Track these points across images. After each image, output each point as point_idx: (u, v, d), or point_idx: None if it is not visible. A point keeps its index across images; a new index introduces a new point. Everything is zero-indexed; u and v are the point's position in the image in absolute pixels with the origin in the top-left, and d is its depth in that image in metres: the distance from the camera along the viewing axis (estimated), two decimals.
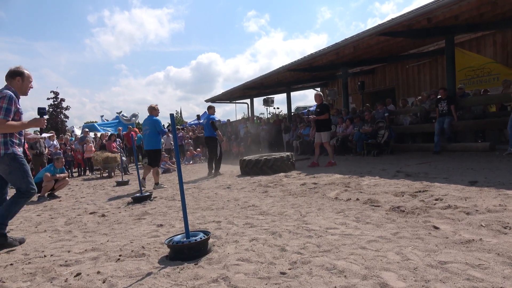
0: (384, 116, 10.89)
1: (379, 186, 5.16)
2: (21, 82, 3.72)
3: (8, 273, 2.77)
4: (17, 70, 3.72)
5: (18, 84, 3.71)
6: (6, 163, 3.57)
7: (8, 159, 3.57)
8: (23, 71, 3.75)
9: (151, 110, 7.58)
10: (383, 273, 2.18)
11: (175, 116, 3.05)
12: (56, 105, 37.89)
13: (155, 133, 7.46)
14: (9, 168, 3.60)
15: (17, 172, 3.62)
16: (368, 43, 10.82)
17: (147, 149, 7.62)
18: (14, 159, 3.61)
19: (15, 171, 3.62)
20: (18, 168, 3.62)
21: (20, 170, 3.63)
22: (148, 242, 3.33)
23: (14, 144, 3.65)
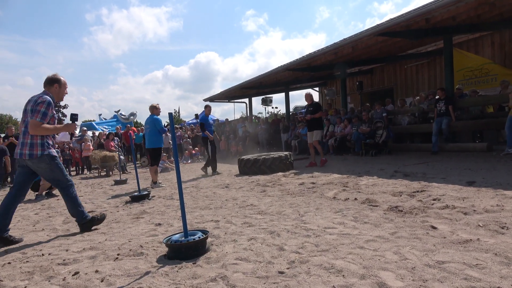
0: (382, 116, 10.91)
1: (377, 186, 5.17)
2: (58, 88, 3.98)
3: (6, 271, 2.77)
4: (55, 78, 3.97)
5: (55, 90, 3.97)
6: (47, 162, 3.84)
7: (48, 159, 3.84)
8: (60, 78, 4.01)
9: (152, 109, 7.68)
10: (381, 272, 2.19)
11: (173, 115, 3.05)
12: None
13: (156, 131, 7.55)
14: (50, 167, 3.87)
15: (57, 169, 3.92)
16: (367, 43, 10.84)
17: (148, 148, 7.73)
18: (53, 158, 3.90)
19: (55, 168, 3.90)
20: (57, 166, 3.92)
21: (59, 167, 3.94)
22: (146, 241, 3.32)
23: (50, 146, 3.92)
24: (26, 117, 3.81)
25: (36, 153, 3.76)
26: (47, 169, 3.87)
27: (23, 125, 3.83)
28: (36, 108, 3.70)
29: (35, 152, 3.76)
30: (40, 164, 3.83)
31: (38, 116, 3.68)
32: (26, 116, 3.80)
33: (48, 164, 3.85)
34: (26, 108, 3.82)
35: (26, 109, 3.82)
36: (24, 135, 3.80)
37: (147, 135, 7.66)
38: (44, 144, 3.82)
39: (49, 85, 3.94)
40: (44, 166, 3.85)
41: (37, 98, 3.77)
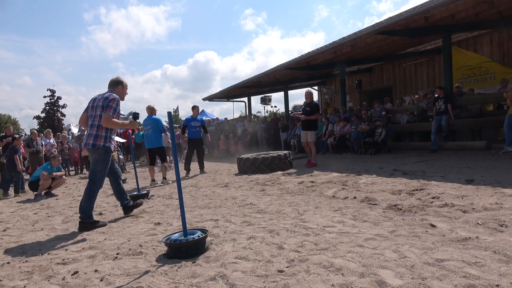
0: (381, 114, 10.92)
1: (376, 185, 5.17)
2: (121, 89, 4.43)
3: (5, 271, 2.77)
4: (119, 80, 4.44)
5: (119, 91, 4.40)
6: (100, 153, 4.20)
7: (103, 151, 4.20)
8: (123, 81, 4.48)
9: (150, 110, 7.98)
10: (380, 270, 2.19)
11: (172, 115, 3.04)
12: (52, 103, 37.71)
13: (158, 131, 7.81)
14: (99, 158, 4.21)
15: (102, 164, 4.23)
16: (366, 42, 10.84)
17: (151, 148, 7.93)
18: (107, 152, 4.25)
19: (101, 162, 4.22)
20: (104, 161, 4.24)
21: (104, 163, 4.25)
22: (145, 241, 3.32)
23: (111, 140, 4.32)
24: (93, 111, 4.20)
25: (98, 143, 4.16)
26: (96, 159, 4.22)
27: (91, 119, 4.22)
28: (109, 104, 4.10)
29: (97, 143, 4.15)
30: (94, 154, 4.21)
31: (110, 111, 4.07)
32: (94, 111, 4.20)
33: (99, 156, 4.20)
34: (94, 104, 4.22)
35: (94, 105, 4.21)
36: (91, 128, 4.20)
37: (149, 136, 7.83)
38: (107, 137, 4.23)
39: (113, 86, 4.38)
40: (96, 156, 4.21)
41: (107, 95, 4.17)
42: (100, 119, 4.13)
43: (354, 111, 12.73)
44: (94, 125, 4.18)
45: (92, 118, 4.21)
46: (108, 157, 4.29)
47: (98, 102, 4.18)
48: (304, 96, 8.92)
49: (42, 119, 37.29)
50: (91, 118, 4.23)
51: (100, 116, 4.12)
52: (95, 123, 4.17)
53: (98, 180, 4.22)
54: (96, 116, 4.16)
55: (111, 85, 4.40)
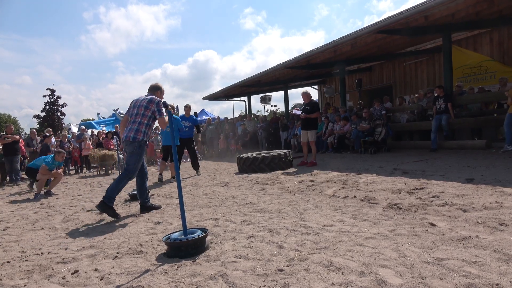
0: (381, 113, 10.91)
1: (376, 184, 5.18)
2: (159, 94, 4.85)
3: (5, 270, 2.77)
4: (158, 86, 4.90)
5: (158, 95, 4.82)
6: (136, 147, 4.55)
7: (139, 144, 4.56)
8: (161, 86, 4.94)
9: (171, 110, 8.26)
10: (380, 269, 2.19)
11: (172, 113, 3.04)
12: (52, 102, 37.70)
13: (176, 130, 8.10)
14: (134, 151, 4.56)
15: (136, 156, 4.58)
16: (366, 41, 10.83)
17: (168, 145, 8.58)
18: (141, 146, 4.61)
19: (136, 155, 4.58)
20: (138, 154, 4.60)
21: (139, 156, 4.61)
22: (145, 240, 3.32)
23: (148, 136, 4.75)
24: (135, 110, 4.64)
25: (138, 137, 4.54)
26: (131, 151, 4.57)
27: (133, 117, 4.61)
28: (159, 108, 4.60)
29: (138, 136, 4.54)
30: (130, 147, 4.56)
31: (162, 113, 4.57)
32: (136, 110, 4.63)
33: (134, 148, 4.55)
34: (137, 104, 4.65)
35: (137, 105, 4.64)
36: (133, 123, 4.58)
37: (166, 133, 8.42)
38: (146, 133, 4.62)
39: (153, 91, 4.82)
40: (131, 148, 4.56)
41: (152, 98, 4.63)
42: (142, 117, 4.58)
43: (354, 110, 12.73)
44: (137, 121, 4.58)
45: (134, 116, 4.62)
46: (142, 151, 4.66)
47: (142, 102, 4.63)
48: (302, 97, 8.85)
49: (42, 118, 37.28)
50: (133, 115, 4.63)
51: (143, 115, 4.58)
52: (137, 120, 4.58)
53: (132, 171, 4.58)
54: (139, 114, 4.59)
55: (151, 90, 4.84)
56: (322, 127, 12.61)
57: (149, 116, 4.61)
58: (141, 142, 4.58)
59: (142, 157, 4.68)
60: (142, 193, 4.84)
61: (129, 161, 4.61)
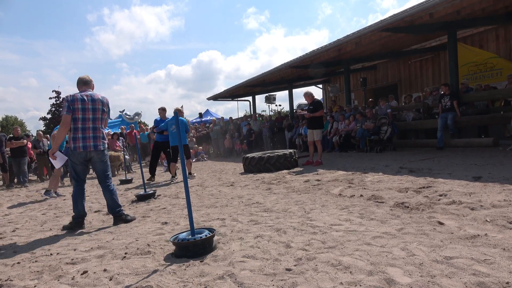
0: (386, 112, 10.87)
1: (382, 182, 5.16)
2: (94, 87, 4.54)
3: (15, 271, 2.79)
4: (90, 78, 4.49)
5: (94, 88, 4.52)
6: (106, 154, 4.44)
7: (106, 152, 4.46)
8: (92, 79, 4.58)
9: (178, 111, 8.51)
10: (389, 268, 2.19)
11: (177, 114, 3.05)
12: (58, 104, 37.93)
13: (183, 131, 8.38)
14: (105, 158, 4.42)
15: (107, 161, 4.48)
16: (370, 39, 10.78)
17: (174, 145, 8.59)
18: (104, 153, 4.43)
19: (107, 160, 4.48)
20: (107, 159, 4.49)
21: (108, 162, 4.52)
22: (153, 240, 3.34)
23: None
24: (95, 114, 4.25)
25: (105, 143, 4.41)
26: (104, 160, 4.40)
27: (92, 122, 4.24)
28: (109, 109, 4.45)
29: (106, 142, 4.40)
30: (102, 155, 4.37)
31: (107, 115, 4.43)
32: (96, 113, 4.26)
33: (105, 156, 4.43)
34: (96, 107, 4.25)
35: (96, 108, 4.25)
36: (95, 130, 4.27)
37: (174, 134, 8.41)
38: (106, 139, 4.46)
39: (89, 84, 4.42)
40: (103, 157, 4.38)
41: (104, 100, 4.38)
42: (101, 122, 4.32)
43: (359, 109, 12.69)
44: (98, 127, 4.31)
45: (95, 121, 4.26)
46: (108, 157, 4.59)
47: (97, 105, 4.27)
48: (304, 98, 8.94)
49: (48, 120, 37.56)
50: (92, 120, 4.24)
51: (101, 119, 4.32)
52: (98, 126, 4.30)
53: (110, 177, 4.48)
54: (98, 119, 4.28)
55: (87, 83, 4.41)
56: (327, 126, 12.59)
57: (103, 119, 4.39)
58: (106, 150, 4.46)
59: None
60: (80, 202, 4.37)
61: (106, 169, 4.40)
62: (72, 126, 4.20)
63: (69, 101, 4.15)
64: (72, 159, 4.27)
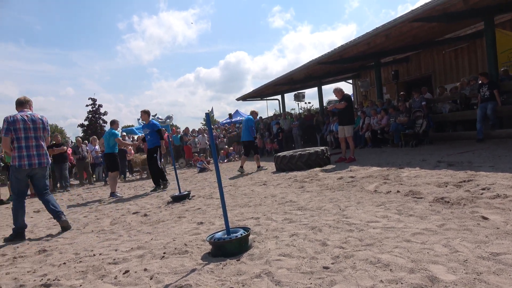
0: (421, 105, 10.50)
1: (420, 177, 4.99)
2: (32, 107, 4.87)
3: (62, 271, 2.93)
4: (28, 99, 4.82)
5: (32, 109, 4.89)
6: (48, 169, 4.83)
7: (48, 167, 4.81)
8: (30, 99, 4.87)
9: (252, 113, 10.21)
10: (431, 266, 2.12)
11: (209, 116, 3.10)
12: (94, 111, 39.54)
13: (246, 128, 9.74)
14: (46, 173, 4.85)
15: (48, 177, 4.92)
16: (401, 31, 10.45)
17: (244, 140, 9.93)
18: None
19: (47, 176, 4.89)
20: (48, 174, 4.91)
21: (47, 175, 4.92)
22: (190, 240, 3.40)
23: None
24: (37, 133, 4.61)
25: (48, 161, 4.77)
26: (46, 176, 4.82)
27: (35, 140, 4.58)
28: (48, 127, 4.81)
29: (49, 160, 4.79)
30: (44, 170, 4.75)
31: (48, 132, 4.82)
32: (37, 132, 4.61)
33: (47, 171, 4.85)
34: (36, 126, 4.60)
35: (36, 127, 4.60)
36: (38, 148, 4.61)
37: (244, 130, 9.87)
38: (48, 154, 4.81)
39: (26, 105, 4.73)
40: (45, 173, 4.79)
41: (44, 119, 4.74)
42: (43, 140, 4.70)
43: (391, 103, 12.35)
44: (41, 145, 4.67)
45: (37, 139, 4.61)
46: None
47: (38, 124, 4.63)
48: (334, 94, 8.83)
49: (86, 127, 39.22)
50: (35, 139, 4.59)
51: (43, 138, 4.70)
52: (41, 144, 4.66)
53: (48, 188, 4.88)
54: (39, 137, 4.64)
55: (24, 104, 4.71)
56: (358, 122, 12.35)
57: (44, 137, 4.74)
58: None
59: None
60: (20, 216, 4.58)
61: (46, 184, 4.81)
62: (16, 145, 4.50)
63: (9, 122, 4.46)
64: (17, 176, 4.55)
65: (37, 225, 5.39)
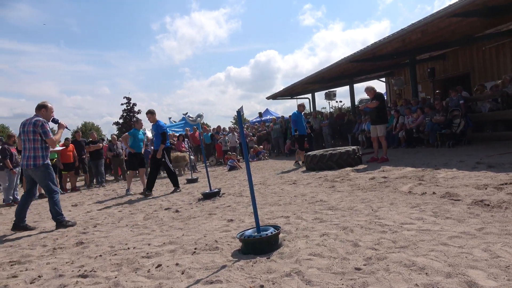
0: (459, 103, 10.07)
1: (457, 179, 4.80)
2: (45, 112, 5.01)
3: (98, 263, 3.04)
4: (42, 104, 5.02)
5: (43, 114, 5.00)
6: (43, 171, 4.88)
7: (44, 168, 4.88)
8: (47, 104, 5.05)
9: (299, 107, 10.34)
10: (470, 271, 2.03)
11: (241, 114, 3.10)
12: (129, 109, 40.78)
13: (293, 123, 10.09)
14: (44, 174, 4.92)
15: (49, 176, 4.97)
16: (438, 26, 10.07)
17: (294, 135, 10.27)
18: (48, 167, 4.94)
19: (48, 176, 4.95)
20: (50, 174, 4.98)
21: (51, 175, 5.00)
22: (220, 236, 3.44)
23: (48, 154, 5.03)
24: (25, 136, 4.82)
25: (39, 163, 4.83)
26: (42, 176, 4.90)
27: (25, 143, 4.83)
28: (45, 130, 4.83)
29: (37, 163, 4.82)
30: (37, 172, 4.86)
31: (49, 135, 4.85)
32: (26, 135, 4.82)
33: (43, 172, 4.88)
34: (25, 130, 4.82)
35: (25, 130, 4.82)
36: (28, 150, 4.83)
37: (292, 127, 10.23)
38: (44, 155, 4.90)
39: (38, 110, 4.98)
40: (40, 174, 4.88)
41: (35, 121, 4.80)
42: (34, 143, 4.81)
43: (427, 102, 11.93)
44: (30, 147, 4.82)
45: (27, 142, 4.84)
46: (51, 170, 5.00)
47: (28, 127, 4.82)
48: (365, 93, 8.64)
49: (120, 125, 40.52)
50: (25, 141, 4.84)
51: (34, 140, 4.81)
52: (30, 146, 4.81)
53: (53, 190, 4.95)
54: (30, 140, 4.81)
55: (37, 109, 5.00)
56: (392, 121, 12.02)
57: (40, 139, 4.84)
58: (45, 165, 4.88)
59: (53, 175, 5.02)
60: (21, 212, 4.90)
61: (45, 184, 4.93)
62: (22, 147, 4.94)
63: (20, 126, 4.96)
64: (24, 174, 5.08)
65: (75, 218, 5.62)
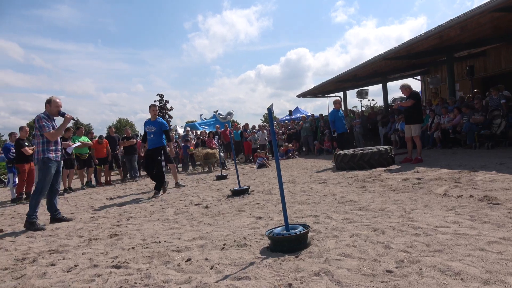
0: (500, 103, 9.60)
1: (497, 182, 4.57)
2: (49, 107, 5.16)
3: (130, 255, 3.14)
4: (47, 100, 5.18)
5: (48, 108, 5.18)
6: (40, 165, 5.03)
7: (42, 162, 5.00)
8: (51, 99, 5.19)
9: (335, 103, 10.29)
10: (510, 278, 1.93)
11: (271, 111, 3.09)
12: (162, 106, 41.71)
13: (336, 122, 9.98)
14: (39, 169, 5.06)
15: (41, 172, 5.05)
16: (479, 22, 9.63)
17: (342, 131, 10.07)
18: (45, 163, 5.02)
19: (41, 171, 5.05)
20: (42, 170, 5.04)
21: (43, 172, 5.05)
22: (249, 233, 3.45)
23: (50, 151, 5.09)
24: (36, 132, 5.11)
25: (39, 157, 5.03)
26: (38, 169, 5.10)
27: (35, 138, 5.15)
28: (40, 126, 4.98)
29: (38, 157, 5.04)
30: (37, 166, 5.11)
31: (45, 129, 4.98)
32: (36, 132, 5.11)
33: (39, 167, 5.05)
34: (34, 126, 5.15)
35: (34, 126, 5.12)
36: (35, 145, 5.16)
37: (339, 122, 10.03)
38: (45, 150, 5.03)
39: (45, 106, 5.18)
40: (37, 167, 5.11)
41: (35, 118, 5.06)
42: (36, 138, 5.10)
43: (465, 101, 11.45)
44: (37, 143, 5.11)
45: (35, 138, 5.21)
46: (47, 168, 5.02)
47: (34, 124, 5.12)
48: (400, 91, 8.38)
49: None
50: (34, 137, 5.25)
51: (37, 135, 5.07)
52: (36, 141, 5.12)
53: (39, 187, 5.02)
54: (36, 135, 5.11)
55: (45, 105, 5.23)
56: (427, 121, 11.63)
57: (40, 134, 5.03)
58: (43, 160, 4.99)
59: (48, 173, 5.03)
60: (51, 207, 5.28)
61: (39, 179, 5.09)
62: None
63: None
64: None
65: (109, 211, 5.83)
